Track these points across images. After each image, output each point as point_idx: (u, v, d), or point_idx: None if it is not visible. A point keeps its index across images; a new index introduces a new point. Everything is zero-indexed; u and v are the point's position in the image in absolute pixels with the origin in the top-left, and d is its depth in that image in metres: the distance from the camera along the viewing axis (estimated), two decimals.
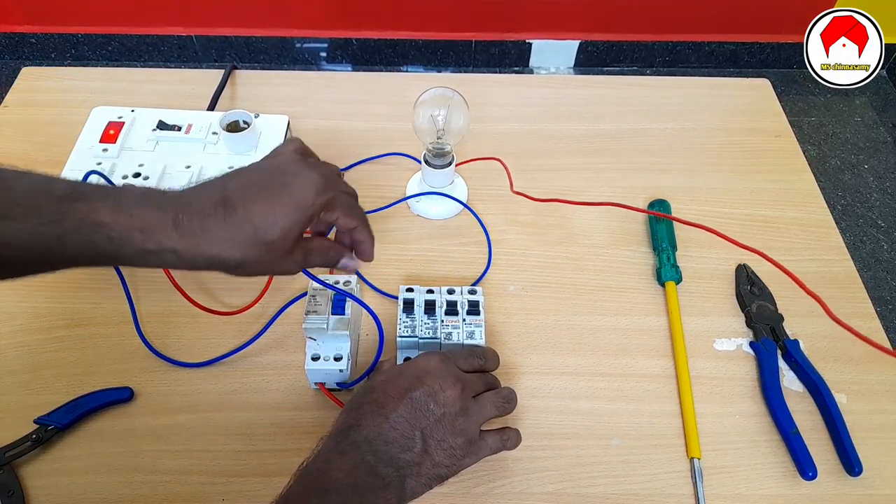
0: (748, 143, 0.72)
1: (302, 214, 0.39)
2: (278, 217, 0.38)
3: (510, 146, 0.71)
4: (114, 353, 0.54)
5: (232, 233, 0.36)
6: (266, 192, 0.38)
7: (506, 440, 0.46)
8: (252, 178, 0.39)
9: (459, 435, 0.42)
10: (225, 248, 0.36)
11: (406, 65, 1.92)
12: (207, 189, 0.38)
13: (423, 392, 0.42)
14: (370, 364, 0.51)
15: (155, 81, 0.76)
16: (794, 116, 1.82)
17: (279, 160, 0.41)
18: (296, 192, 0.39)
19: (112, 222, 0.35)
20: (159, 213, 0.36)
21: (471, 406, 0.43)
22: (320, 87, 0.77)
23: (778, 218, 0.65)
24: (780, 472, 0.49)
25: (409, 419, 0.41)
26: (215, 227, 0.36)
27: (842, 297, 0.59)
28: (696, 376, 0.54)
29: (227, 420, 0.51)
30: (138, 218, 0.35)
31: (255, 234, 0.37)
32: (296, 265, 0.41)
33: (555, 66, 1.94)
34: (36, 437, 0.48)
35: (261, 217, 0.37)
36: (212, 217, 0.36)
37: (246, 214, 0.37)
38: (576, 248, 0.62)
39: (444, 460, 0.41)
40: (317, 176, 0.40)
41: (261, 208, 0.37)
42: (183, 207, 0.36)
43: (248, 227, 0.37)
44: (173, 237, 0.35)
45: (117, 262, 0.36)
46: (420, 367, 0.44)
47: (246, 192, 0.38)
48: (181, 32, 1.84)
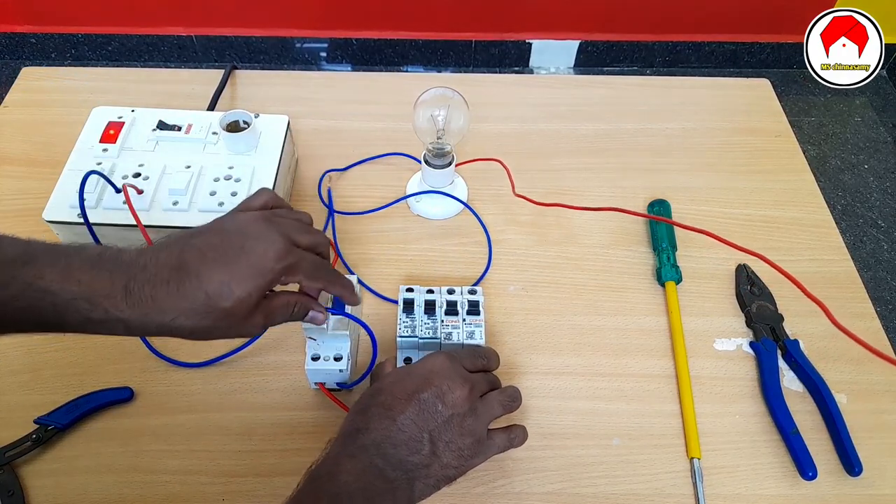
0: (748, 143, 0.72)
1: (261, 281, 0.37)
2: (233, 286, 0.36)
3: (510, 146, 0.71)
4: (114, 353, 0.54)
5: (184, 302, 0.35)
6: (224, 257, 0.37)
7: (513, 438, 0.46)
8: (211, 240, 0.38)
9: (468, 435, 0.42)
10: (176, 317, 0.35)
11: (406, 65, 1.92)
12: (165, 251, 0.37)
13: (432, 393, 0.42)
14: (370, 364, 0.51)
15: (155, 81, 0.76)
16: (794, 116, 1.82)
17: (242, 219, 0.40)
18: (253, 258, 0.37)
19: (59, 290, 0.33)
20: (110, 280, 0.35)
21: (478, 406, 0.43)
22: (320, 87, 0.77)
23: (778, 218, 0.65)
24: (780, 472, 0.49)
25: (416, 421, 0.41)
26: (166, 297, 0.35)
27: (842, 297, 0.59)
28: (696, 376, 0.54)
29: (227, 420, 0.51)
30: (86, 285, 0.34)
31: (207, 303, 0.36)
32: (257, 328, 0.40)
33: (555, 67, 1.94)
34: (36, 437, 0.48)
35: (216, 285, 0.36)
36: (163, 285, 0.35)
37: (199, 282, 0.35)
38: (576, 248, 0.62)
39: (452, 461, 0.41)
40: (279, 239, 0.39)
41: (217, 275, 0.36)
42: (137, 273, 0.35)
43: (200, 295, 0.35)
44: (122, 307, 0.34)
45: (63, 330, 0.35)
46: (427, 369, 0.43)
47: (203, 256, 0.37)
48: (181, 32, 1.84)
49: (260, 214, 0.41)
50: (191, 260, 0.36)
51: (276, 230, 0.39)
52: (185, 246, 0.37)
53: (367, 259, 0.61)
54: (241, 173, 0.59)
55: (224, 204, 0.57)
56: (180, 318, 0.35)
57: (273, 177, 0.59)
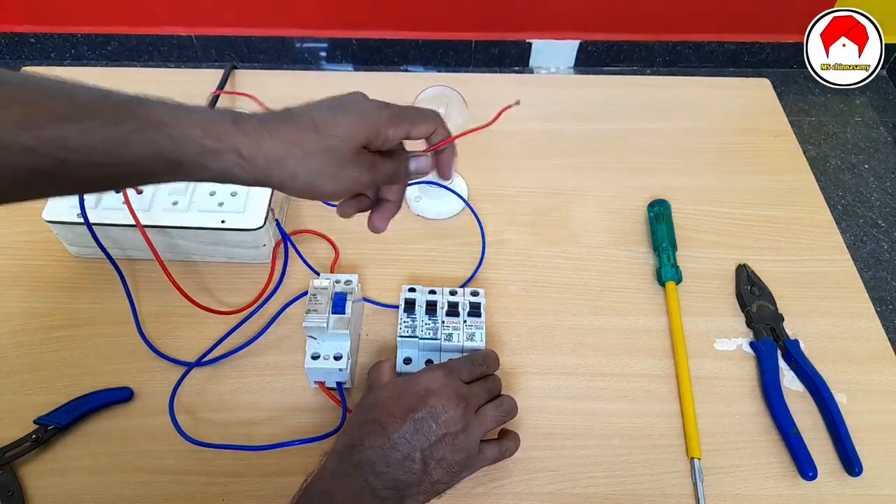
0: (748, 143, 0.72)
1: (365, 121, 0.38)
2: (339, 117, 0.37)
3: (510, 146, 0.71)
4: (114, 352, 0.54)
5: (293, 132, 0.36)
6: (328, 104, 0.38)
7: (505, 451, 0.46)
8: (312, 102, 0.39)
9: (459, 452, 0.42)
10: (288, 146, 0.36)
11: (406, 65, 1.92)
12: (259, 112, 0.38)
13: (426, 412, 0.42)
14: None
15: (154, 81, 0.76)
16: (794, 116, 1.82)
17: (344, 95, 0.41)
18: (360, 104, 0.39)
19: (173, 121, 0.34)
20: (219, 115, 0.36)
21: (472, 422, 0.43)
22: (320, 86, 0.77)
23: (778, 218, 0.65)
24: (781, 472, 0.49)
25: (410, 440, 0.41)
26: (275, 126, 0.36)
27: (842, 297, 0.59)
28: (697, 376, 0.54)
29: (227, 420, 0.51)
30: (197, 116, 0.35)
31: (315, 132, 0.36)
32: (363, 175, 0.39)
33: (555, 66, 1.94)
34: (35, 438, 0.48)
35: (324, 114, 0.37)
36: (270, 118, 0.36)
37: (307, 114, 0.37)
38: (576, 248, 0.62)
39: (442, 478, 0.42)
40: (384, 102, 0.40)
41: (323, 113, 0.37)
42: (241, 114, 0.36)
43: (308, 122, 0.36)
44: (234, 134, 0.35)
45: (179, 168, 0.35)
46: (424, 386, 0.44)
47: (307, 105, 0.38)
48: (181, 32, 1.84)
49: (361, 94, 0.41)
50: (295, 108, 0.38)
51: (373, 99, 0.40)
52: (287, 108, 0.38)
53: (367, 259, 0.61)
54: None
55: (224, 204, 0.57)
56: (291, 147, 0.36)
57: None
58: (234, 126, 0.35)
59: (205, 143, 0.35)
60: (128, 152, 0.34)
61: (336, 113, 0.38)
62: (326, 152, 0.37)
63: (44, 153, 0.32)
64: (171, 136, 0.34)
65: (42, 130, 0.32)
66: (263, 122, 0.36)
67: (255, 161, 0.36)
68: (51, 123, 0.32)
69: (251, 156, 0.35)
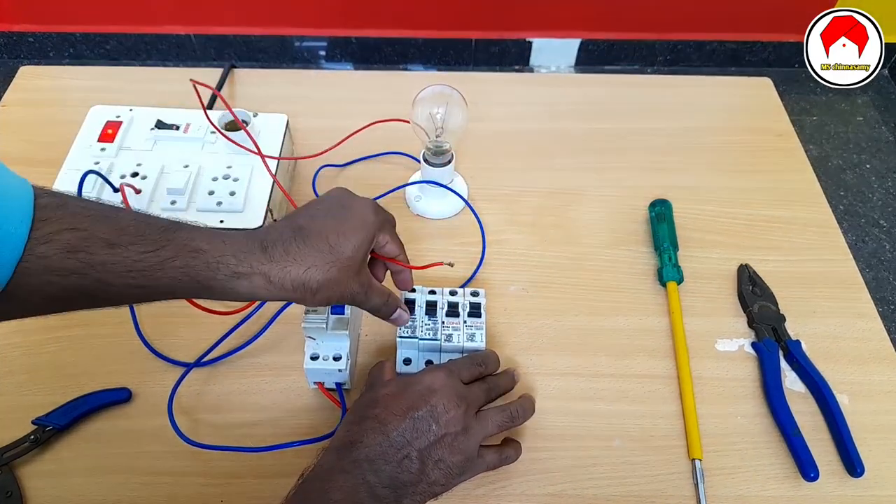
0: (750, 143, 0.72)
1: (367, 232, 0.42)
2: (349, 235, 0.41)
3: (510, 145, 0.71)
4: (112, 353, 0.54)
5: (313, 255, 0.40)
6: (332, 217, 0.42)
7: (504, 458, 0.46)
8: (314, 210, 0.43)
9: (458, 454, 0.42)
10: (309, 268, 0.39)
11: (406, 63, 1.92)
12: (279, 225, 0.42)
13: (426, 412, 0.42)
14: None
15: (153, 80, 0.76)
16: (795, 115, 1.81)
17: (331, 196, 0.45)
18: (357, 214, 0.43)
19: (209, 248, 0.38)
20: (247, 241, 0.39)
21: (472, 425, 0.43)
22: (320, 85, 0.77)
23: (779, 217, 0.65)
24: (782, 473, 0.49)
25: (409, 439, 0.41)
26: (298, 250, 0.40)
27: (844, 297, 0.59)
28: (698, 377, 0.54)
29: (226, 421, 0.50)
30: (230, 244, 0.38)
31: (332, 252, 0.40)
32: (361, 286, 0.43)
33: (555, 65, 1.94)
34: (34, 438, 0.48)
35: (335, 236, 0.41)
36: (292, 242, 0.40)
37: (320, 236, 0.40)
38: (577, 248, 0.62)
39: (440, 479, 0.42)
40: (369, 201, 0.45)
41: (332, 228, 0.41)
42: (266, 237, 0.40)
43: (324, 245, 0.40)
44: (263, 260, 0.39)
45: (209, 291, 0.38)
46: (425, 385, 0.44)
47: (314, 220, 0.42)
48: (179, 31, 1.84)
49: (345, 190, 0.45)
50: (306, 224, 0.41)
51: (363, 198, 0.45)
52: (295, 217, 0.42)
53: None
54: (239, 173, 0.59)
55: (222, 203, 0.57)
56: (312, 270, 0.40)
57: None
58: (263, 254, 0.39)
59: (238, 270, 0.38)
60: (164, 275, 0.37)
61: (344, 225, 0.42)
62: (339, 271, 0.41)
63: (88, 275, 0.34)
64: (208, 263, 0.37)
65: (90, 256, 0.34)
66: (287, 248, 0.39)
67: (283, 285, 0.39)
68: (97, 248, 0.34)
69: (279, 281, 0.39)
